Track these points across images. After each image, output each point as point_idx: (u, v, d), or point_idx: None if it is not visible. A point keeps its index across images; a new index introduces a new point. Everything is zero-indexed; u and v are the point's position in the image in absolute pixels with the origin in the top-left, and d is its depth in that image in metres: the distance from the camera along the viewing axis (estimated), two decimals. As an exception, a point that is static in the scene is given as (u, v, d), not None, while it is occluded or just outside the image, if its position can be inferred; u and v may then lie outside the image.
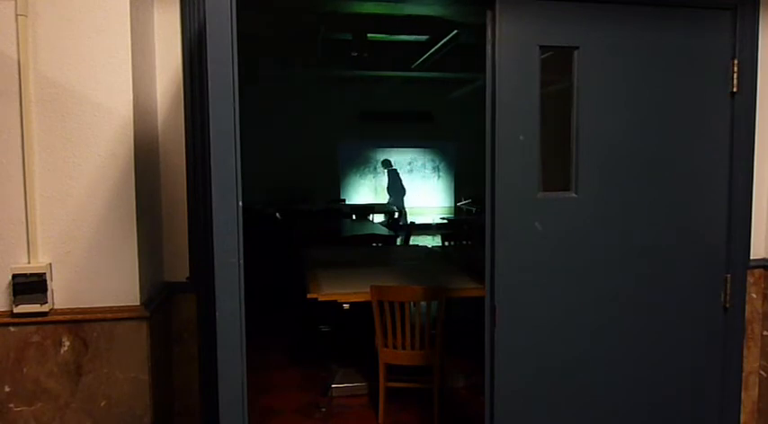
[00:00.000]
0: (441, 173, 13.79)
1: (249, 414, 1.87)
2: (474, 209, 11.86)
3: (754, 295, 2.75)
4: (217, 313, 1.81)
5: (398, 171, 12.89)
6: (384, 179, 12.95)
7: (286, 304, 6.31)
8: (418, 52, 8.87)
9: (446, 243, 6.46)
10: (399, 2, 6.28)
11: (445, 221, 11.26)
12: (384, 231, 7.29)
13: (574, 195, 2.37)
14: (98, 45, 2.09)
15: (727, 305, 2.54)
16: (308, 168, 12.35)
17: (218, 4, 1.76)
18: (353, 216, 9.60)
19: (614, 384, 2.45)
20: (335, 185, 13.01)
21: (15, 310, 2.08)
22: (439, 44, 8.12)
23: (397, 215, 10.66)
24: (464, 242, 6.55)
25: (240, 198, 1.80)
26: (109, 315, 2.15)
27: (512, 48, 2.27)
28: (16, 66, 2.04)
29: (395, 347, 3.53)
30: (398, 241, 7.43)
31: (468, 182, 13.02)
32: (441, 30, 7.57)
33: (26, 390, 2.12)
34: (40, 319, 2.10)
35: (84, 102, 2.10)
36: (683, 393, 2.53)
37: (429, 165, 13.76)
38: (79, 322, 2.13)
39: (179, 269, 2.47)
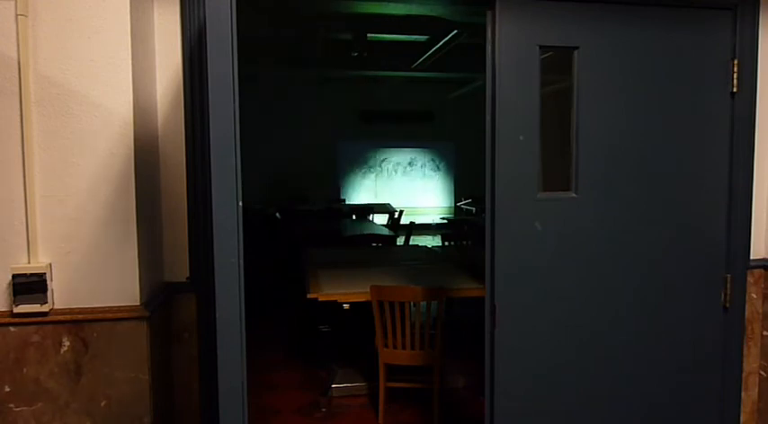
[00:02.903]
0: (441, 173, 13.80)
1: (249, 414, 1.87)
2: (474, 209, 11.86)
3: (754, 296, 2.75)
4: (217, 313, 1.81)
5: None
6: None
7: (286, 304, 6.32)
8: (418, 52, 8.88)
9: (446, 243, 6.45)
10: (399, 2, 6.29)
11: (445, 221, 11.25)
12: (384, 231, 7.28)
13: (574, 195, 2.37)
14: (98, 45, 2.09)
15: (727, 305, 2.54)
16: (308, 168, 12.36)
17: (218, 4, 1.76)
18: (353, 216, 9.60)
19: (614, 383, 2.45)
20: (335, 185, 13.01)
21: (15, 310, 2.08)
22: (439, 44, 8.13)
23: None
24: (464, 242, 6.54)
25: (240, 198, 1.80)
26: (109, 315, 2.15)
27: (512, 48, 2.27)
28: (16, 66, 2.04)
29: (395, 347, 3.53)
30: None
31: (469, 182, 13.03)
32: (441, 30, 7.57)
33: (26, 390, 2.12)
34: (40, 319, 2.10)
35: (84, 102, 2.10)
36: (682, 393, 2.53)
37: (429, 165, 13.76)
38: (79, 322, 2.13)
39: (179, 269, 2.47)
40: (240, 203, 1.80)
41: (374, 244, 6.41)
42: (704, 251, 2.51)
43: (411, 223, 7.93)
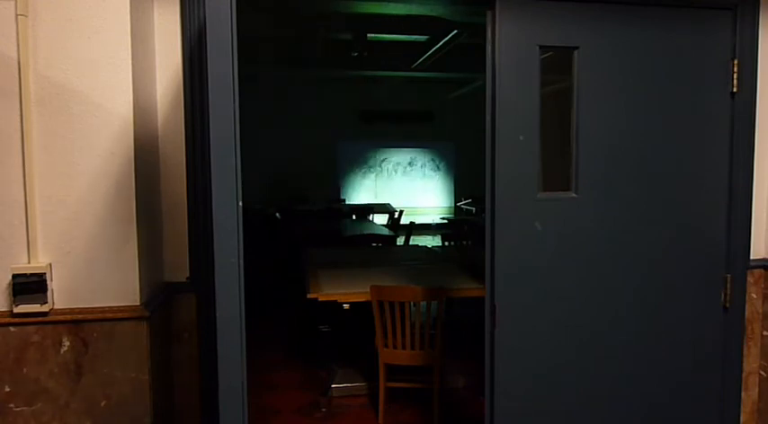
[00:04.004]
0: (441, 173, 13.80)
1: (249, 414, 1.87)
2: (474, 209, 11.86)
3: (754, 296, 2.75)
4: (217, 313, 1.81)
5: None
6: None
7: (286, 304, 6.32)
8: (418, 52, 8.88)
9: (446, 243, 6.45)
10: (399, 2, 6.29)
11: (445, 221, 11.25)
12: (384, 231, 7.28)
13: (574, 195, 2.37)
14: (98, 45, 2.09)
15: (727, 305, 2.54)
16: (308, 168, 12.36)
17: (218, 4, 1.76)
18: (353, 217, 9.60)
19: (614, 383, 2.45)
20: (335, 185, 13.01)
21: (15, 310, 2.08)
22: (439, 44, 8.13)
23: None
24: (464, 242, 6.54)
25: (240, 198, 1.80)
26: (109, 315, 2.15)
27: (512, 48, 2.27)
28: (16, 66, 2.04)
29: (395, 347, 3.53)
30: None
31: (469, 182, 13.03)
32: (441, 30, 7.58)
33: (26, 390, 2.12)
34: (40, 319, 2.10)
35: (84, 102, 2.10)
36: (683, 393, 2.53)
37: (429, 165, 13.76)
38: (79, 322, 2.13)
39: (179, 269, 2.47)
40: (240, 203, 1.80)
41: (374, 244, 6.41)
42: (704, 251, 2.51)
43: (411, 223, 7.93)
